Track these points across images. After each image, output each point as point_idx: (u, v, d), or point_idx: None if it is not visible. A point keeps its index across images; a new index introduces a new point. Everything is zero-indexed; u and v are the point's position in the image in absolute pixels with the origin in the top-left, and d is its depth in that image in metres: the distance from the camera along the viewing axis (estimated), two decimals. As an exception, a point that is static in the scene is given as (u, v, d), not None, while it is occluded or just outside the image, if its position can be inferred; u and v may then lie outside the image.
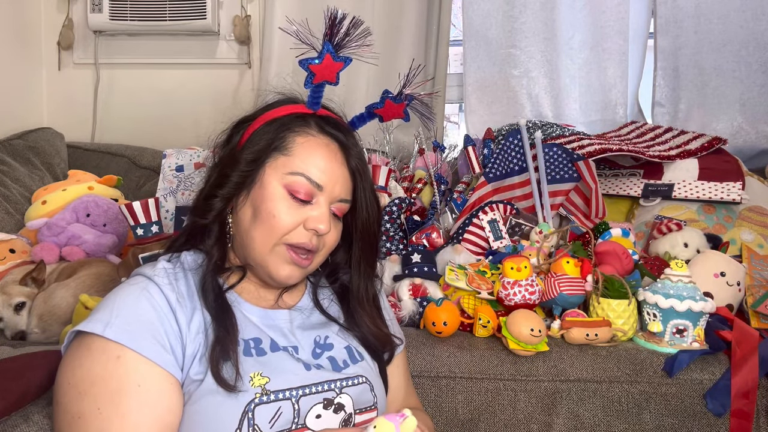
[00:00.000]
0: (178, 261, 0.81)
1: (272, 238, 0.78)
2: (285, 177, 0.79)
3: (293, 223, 0.78)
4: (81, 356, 0.69)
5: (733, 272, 1.33)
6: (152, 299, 0.72)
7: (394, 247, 1.52)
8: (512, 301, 1.21)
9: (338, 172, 0.81)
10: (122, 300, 0.72)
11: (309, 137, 0.81)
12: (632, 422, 1.11)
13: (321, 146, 0.81)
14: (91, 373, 0.67)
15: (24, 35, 2.26)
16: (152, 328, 0.70)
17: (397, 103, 0.92)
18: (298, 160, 0.79)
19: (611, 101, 2.12)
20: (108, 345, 0.68)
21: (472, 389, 1.12)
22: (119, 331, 0.68)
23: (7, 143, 1.96)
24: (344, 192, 0.83)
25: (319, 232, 0.79)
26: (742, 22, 2.00)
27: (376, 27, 2.16)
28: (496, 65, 2.17)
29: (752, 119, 2.01)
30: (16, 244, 1.54)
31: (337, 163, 0.82)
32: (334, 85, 0.84)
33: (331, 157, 0.81)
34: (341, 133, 0.84)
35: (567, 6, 2.09)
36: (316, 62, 0.80)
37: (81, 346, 0.70)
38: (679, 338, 1.17)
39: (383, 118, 0.93)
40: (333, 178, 0.81)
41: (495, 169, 1.71)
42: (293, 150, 0.80)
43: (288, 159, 0.80)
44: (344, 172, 0.83)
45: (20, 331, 1.29)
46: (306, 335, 0.83)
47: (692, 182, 1.69)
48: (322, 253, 0.83)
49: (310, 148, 0.81)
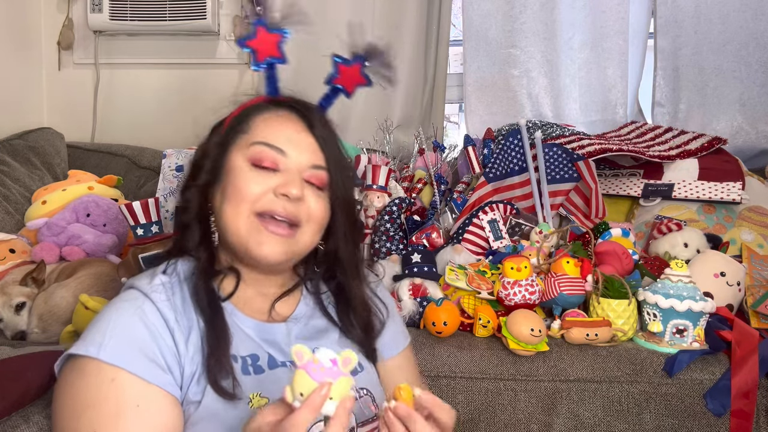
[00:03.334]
0: (174, 271, 0.78)
1: (242, 209, 0.75)
2: (247, 150, 0.78)
3: (261, 191, 0.76)
4: (75, 379, 0.67)
5: (733, 272, 1.33)
6: (146, 318, 0.70)
7: (394, 247, 1.52)
8: (512, 301, 1.21)
9: (302, 138, 0.80)
10: (116, 320, 0.70)
11: (269, 113, 0.81)
12: (632, 422, 1.11)
13: (280, 117, 0.81)
14: (86, 397, 0.66)
15: (24, 35, 2.26)
16: (147, 349, 0.68)
17: (349, 65, 0.88)
18: (258, 131, 0.79)
19: (611, 101, 2.12)
20: (102, 367, 0.66)
21: (472, 389, 1.12)
22: (113, 353, 0.66)
23: (7, 143, 1.96)
24: (314, 158, 0.80)
25: (290, 196, 0.75)
26: (742, 22, 2.00)
27: (376, 27, 2.16)
28: (496, 65, 2.17)
29: (752, 119, 2.01)
30: (16, 244, 1.54)
31: (300, 130, 0.80)
32: (282, 62, 0.84)
33: (292, 126, 0.80)
34: (302, 106, 0.83)
35: (567, 6, 2.09)
36: (252, 38, 0.82)
37: (74, 370, 0.68)
38: (679, 338, 1.17)
39: (346, 89, 0.90)
40: (296, 143, 0.79)
41: (495, 169, 1.71)
42: (253, 126, 0.80)
43: (249, 135, 0.79)
44: (308, 138, 0.80)
45: (20, 331, 1.29)
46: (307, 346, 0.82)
47: (692, 182, 1.69)
48: (310, 228, 0.79)
49: (269, 120, 0.81)
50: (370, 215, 1.59)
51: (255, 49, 0.82)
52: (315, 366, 0.56)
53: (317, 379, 0.56)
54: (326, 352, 0.57)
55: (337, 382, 0.56)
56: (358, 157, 1.76)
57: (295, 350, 0.57)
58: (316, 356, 0.57)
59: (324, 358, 0.57)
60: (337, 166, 0.82)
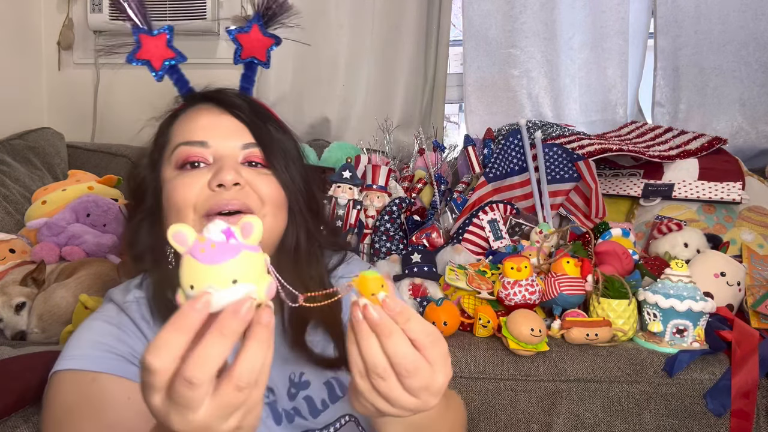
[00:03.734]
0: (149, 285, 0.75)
1: (186, 219, 0.69)
2: (171, 158, 0.72)
3: (196, 192, 0.69)
4: (55, 393, 0.66)
5: (733, 272, 1.33)
6: (123, 327, 0.70)
7: (394, 247, 1.52)
8: (512, 301, 1.21)
9: (221, 123, 0.73)
10: (90, 333, 0.69)
11: (184, 114, 0.76)
12: (632, 422, 1.10)
13: (195, 112, 0.75)
14: (68, 401, 0.64)
15: (24, 35, 2.26)
16: (126, 353, 0.67)
17: (248, 32, 0.81)
18: (177, 135, 0.74)
19: (611, 101, 2.12)
20: (79, 374, 0.65)
21: (472, 389, 1.12)
22: (92, 362, 0.65)
23: (7, 143, 1.96)
24: (242, 137, 0.73)
25: (226, 183, 0.68)
26: (742, 22, 2.00)
27: (377, 27, 2.16)
28: (496, 65, 2.17)
29: (752, 119, 2.01)
30: (16, 244, 1.54)
31: (218, 115, 0.74)
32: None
33: (208, 114, 0.74)
34: (216, 93, 0.77)
35: (567, 6, 2.09)
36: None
37: (53, 385, 0.67)
38: (679, 338, 1.17)
39: (258, 58, 0.82)
40: (215, 129, 0.72)
41: (495, 169, 1.71)
42: (173, 133, 0.75)
43: (171, 143, 0.74)
44: (229, 120, 0.73)
45: (20, 332, 1.29)
46: (280, 372, 0.74)
47: (692, 182, 1.69)
48: (269, 211, 0.71)
49: (184, 119, 0.75)
50: (370, 215, 1.59)
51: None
52: (203, 245, 0.40)
53: (209, 261, 0.40)
54: (217, 223, 0.42)
55: (239, 259, 0.40)
56: (358, 157, 1.76)
57: (173, 233, 0.41)
58: (202, 234, 0.41)
59: (214, 231, 0.41)
60: (273, 141, 0.74)
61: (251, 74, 0.81)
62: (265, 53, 0.79)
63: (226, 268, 0.40)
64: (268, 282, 0.42)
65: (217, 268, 0.40)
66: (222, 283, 0.40)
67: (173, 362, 0.38)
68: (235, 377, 0.39)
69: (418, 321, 0.46)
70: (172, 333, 0.38)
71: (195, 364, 0.38)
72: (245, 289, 0.40)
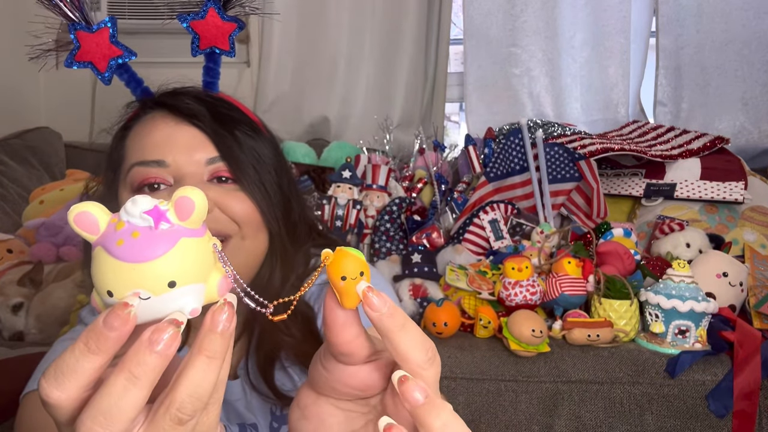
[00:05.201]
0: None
1: None
2: (126, 181, 0.63)
3: None
4: (21, 414, 0.63)
5: (736, 273, 1.33)
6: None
7: (394, 247, 1.52)
8: (513, 302, 1.20)
9: (178, 135, 0.63)
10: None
11: (138, 125, 0.66)
12: (634, 423, 1.10)
13: (149, 122, 0.65)
14: (33, 423, 0.60)
15: (21, 34, 2.25)
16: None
17: (203, 18, 0.69)
18: (131, 153, 0.64)
19: (613, 100, 2.11)
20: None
21: (473, 390, 1.11)
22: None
23: (4, 143, 1.95)
24: (204, 150, 0.63)
25: None
26: (745, 21, 1.99)
27: (377, 26, 2.15)
28: (497, 64, 2.16)
29: (755, 118, 2.00)
30: (13, 245, 1.54)
31: (173, 126, 0.64)
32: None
33: (162, 125, 0.64)
34: (170, 97, 0.67)
35: (568, 5, 2.09)
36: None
37: (22, 407, 0.64)
38: (681, 339, 1.16)
39: (220, 47, 0.71)
40: (173, 143, 0.62)
41: (496, 169, 1.70)
42: (127, 148, 0.65)
43: (126, 162, 0.65)
44: (187, 131, 0.63)
45: (18, 332, 1.29)
46: (262, 407, 0.68)
47: (694, 182, 1.68)
48: (247, 232, 0.63)
49: (138, 132, 0.65)
50: (370, 215, 1.58)
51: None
52: (121, 234, 0.28)
53: (130, 257, 0.27)
54: (138, 200, 0.28)
55: (176, 251, 0.28)
56: (358, 156, 1.76)
57: (74, 216, 0.29)
58: (119, 218, 0.28)
59: (134, 212, 0.28)
60: (242, 151, 0.64)
61: (214, 66, 0.70)
62: (227, 40, 0.68)
63: (158, 266, 0.27)
64: (218, 278, 0.30)
65: (143, 267, 0.27)
66: (154, 288, 0.28)
67: (79, 391, 0.28)
68: (176, 405, 0.28)
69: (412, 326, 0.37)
70: (80, 356, 0.27)
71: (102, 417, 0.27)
72: (188, 292, 0.28)
